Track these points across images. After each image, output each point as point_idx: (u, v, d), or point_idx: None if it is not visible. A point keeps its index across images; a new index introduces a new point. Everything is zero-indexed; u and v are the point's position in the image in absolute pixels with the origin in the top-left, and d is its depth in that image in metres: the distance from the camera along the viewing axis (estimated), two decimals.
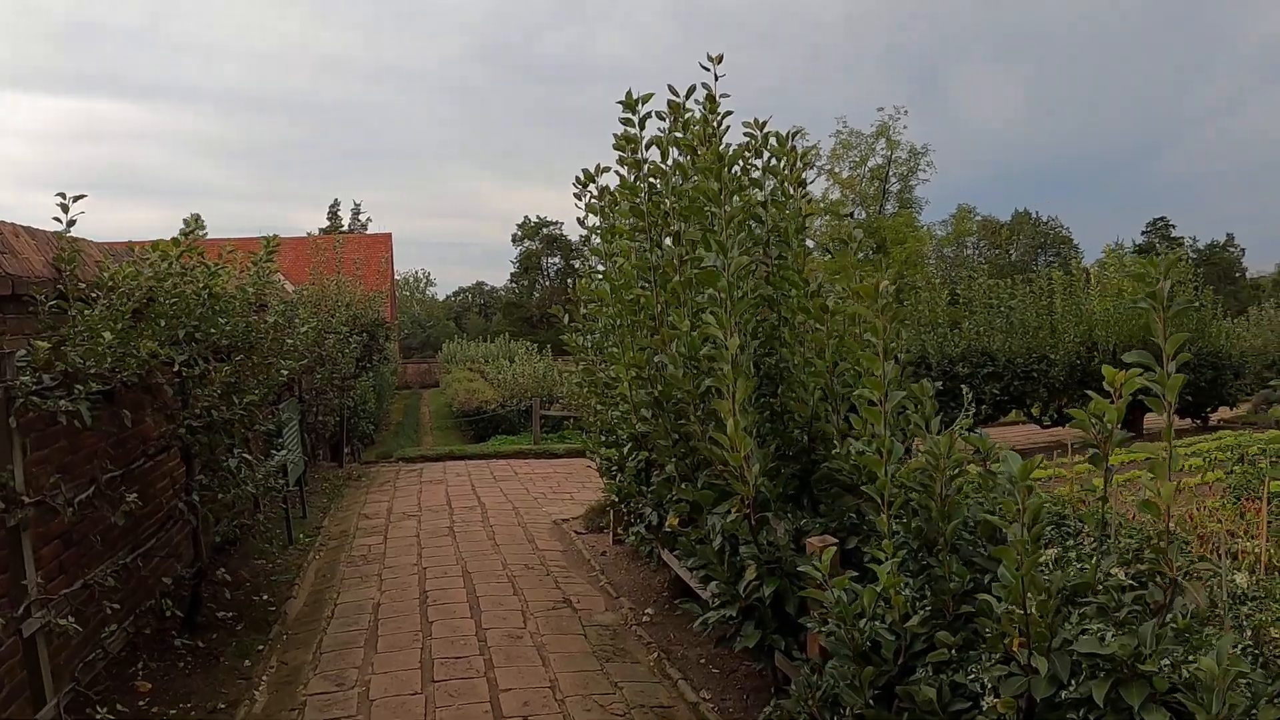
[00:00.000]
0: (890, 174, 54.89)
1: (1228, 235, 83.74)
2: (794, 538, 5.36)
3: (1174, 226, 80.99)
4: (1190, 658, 3.25)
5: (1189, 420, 21.69)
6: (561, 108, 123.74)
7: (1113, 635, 3.38)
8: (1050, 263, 63.08)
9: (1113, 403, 3.81)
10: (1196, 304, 20.34)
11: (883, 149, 53.75)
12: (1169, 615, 3.60)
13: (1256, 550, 7.19)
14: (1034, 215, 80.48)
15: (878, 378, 4.31)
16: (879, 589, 4.08)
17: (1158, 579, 3.79)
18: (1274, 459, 10.50)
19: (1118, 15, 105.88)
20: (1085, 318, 19.72)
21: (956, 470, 4.27)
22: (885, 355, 4.32)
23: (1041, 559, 3.77)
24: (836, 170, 53.35)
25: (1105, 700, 3.22)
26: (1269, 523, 7.85)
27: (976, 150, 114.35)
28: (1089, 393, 3.94)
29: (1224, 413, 23.25)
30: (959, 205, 67.31)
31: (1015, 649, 3.60)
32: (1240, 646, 3.41)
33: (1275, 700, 3.06)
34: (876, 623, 4.14)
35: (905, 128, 53.89)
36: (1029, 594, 3.49)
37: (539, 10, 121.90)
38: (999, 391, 18.04)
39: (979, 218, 73.26)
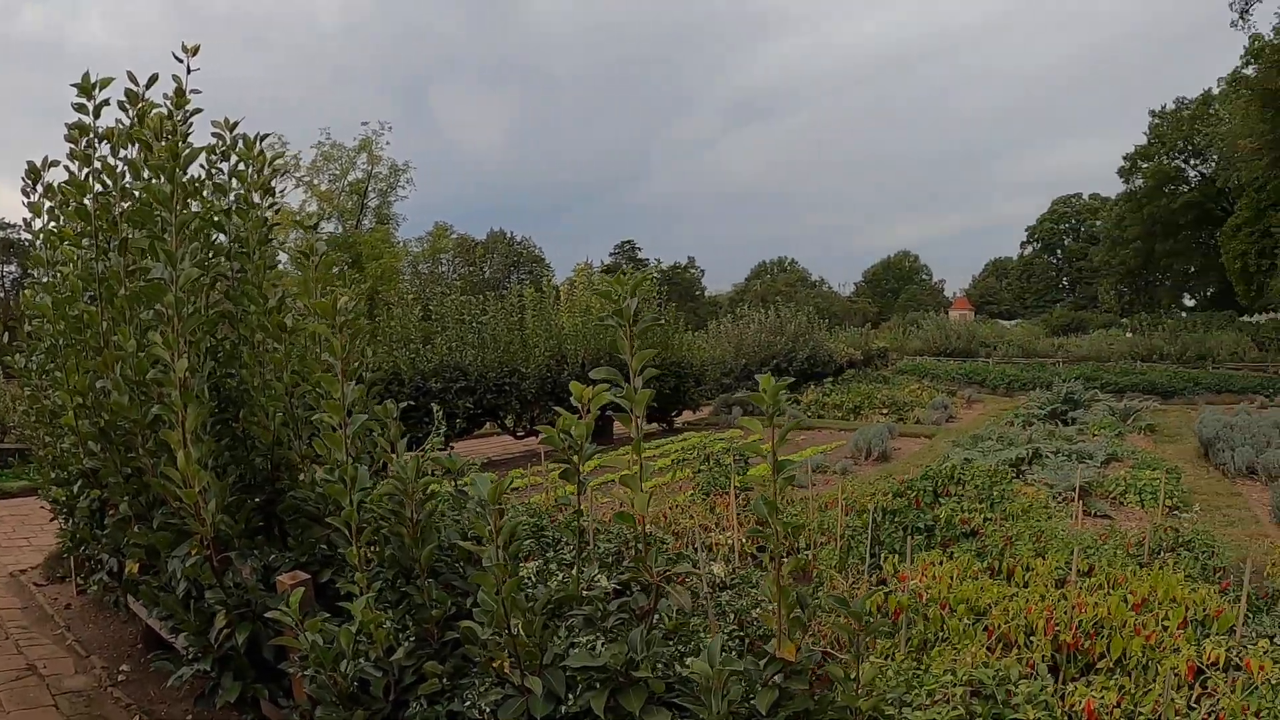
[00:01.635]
0: (370, 189, 54.66)
1: (689, 258, 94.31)
2: (263, 576, 4.92)
3: (640, 249, 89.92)
4: (683, 657, 3.39)
5: (656, 424, 23.83)
6: (43, 97, 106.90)
7: (603, 645, 3.45)
8: (523, 280, 66.59)
9: (581, 418, 3.90)
10: (660, 320, 22.34)
11: (364, 163, 53.48)
12: (655, 619, 3.75)
13: (730, 541, 7.99)
14: (509, 235, 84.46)
15: (337, 401, 4.05)
16: (355, 627, 3.83)
17: (638, 585, 3.94)
18: (737, 456, 11.77)
19: (602, 57, 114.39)
20: (555, 333, 20.90)
21: (427, 493, 4.15)
22: (346, 376, 4.07)
23: (523, 573, 3.76)
24: (316, 183, 52.11)
25: (605, 709, 3.28)
26: (738, 515, 8.79)
27: (459, 170, 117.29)
28: (558, 409, 4.00)
29: (688, 415, 25.93)
30: (436, 223, 68.98)
31: (507, 670, 3.55)
32: (729, 632, 3.62)
33: (770, 683, 3.28)
34: (361, 660, 3.90)
35: (389, 143, 54.20)
36: (513, 616, 3.44)
37: None
38: (473, 405, 18.41)
39: (455, 235, 75.54)
